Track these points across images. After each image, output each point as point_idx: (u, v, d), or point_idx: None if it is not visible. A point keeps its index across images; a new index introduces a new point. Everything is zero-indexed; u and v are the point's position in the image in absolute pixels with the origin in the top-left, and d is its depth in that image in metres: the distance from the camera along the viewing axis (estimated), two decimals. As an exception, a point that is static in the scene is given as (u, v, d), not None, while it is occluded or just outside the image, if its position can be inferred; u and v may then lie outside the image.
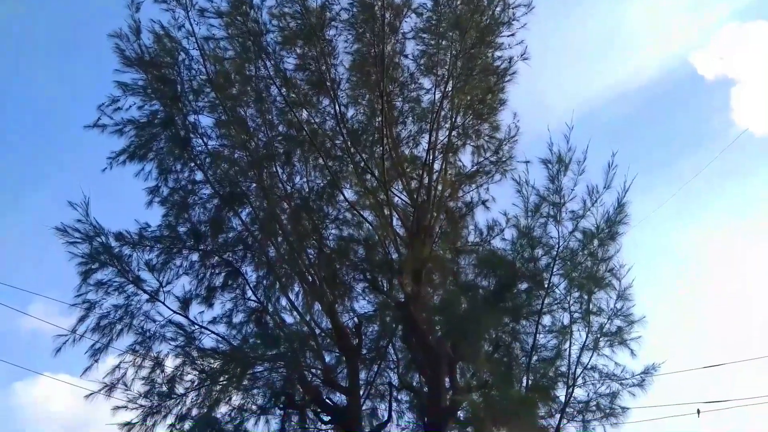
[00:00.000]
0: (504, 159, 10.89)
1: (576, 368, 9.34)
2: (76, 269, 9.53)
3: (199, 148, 10.70)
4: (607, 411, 9.39)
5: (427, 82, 11.19)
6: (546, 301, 9.57)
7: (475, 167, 11.16)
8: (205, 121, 10.85)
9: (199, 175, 10.71)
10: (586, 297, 9.32)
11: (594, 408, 9.54)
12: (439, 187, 10.75)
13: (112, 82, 10.33)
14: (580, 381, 9.51)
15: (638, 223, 9.45)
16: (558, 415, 9.39)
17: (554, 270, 9.40)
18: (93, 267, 9.55)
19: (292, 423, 11.04)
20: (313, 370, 10.76)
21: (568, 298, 9.51)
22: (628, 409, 9.36)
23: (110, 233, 9.63)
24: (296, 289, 11.29)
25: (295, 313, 11.00)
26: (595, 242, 9.21)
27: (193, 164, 10.64)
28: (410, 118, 11.32)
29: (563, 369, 9.62)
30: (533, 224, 9.57)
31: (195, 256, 10.56)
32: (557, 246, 9.37)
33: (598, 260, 9.23)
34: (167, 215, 10.62)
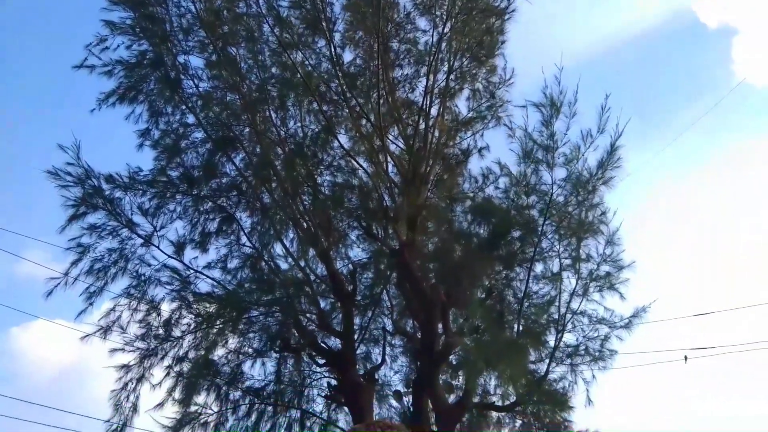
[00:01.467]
0: (499, 104, 10.70)
1: (566, 314, 9.50)
2: (69, 212, 9.48)
3: (190, 90, 10.46)
4: (596, 355, 9.60)
5: (424, 23, 10.87)
6: (537, 249, 9.65)
7: (471, 113, 10.97)
8: (196, 62, 10.57)
9: (190, 118, 10.52)
10: (575, 244, 9.36)
11: (583, 352, 9.76)
12: (436, 134, 10.60)
13: (99, 21, 9.98)
14: (569, 326, 9.70)
15: (633, 172, 9.40)
16: (547, 360, 9.62)
17: (547, 218, 9.40)
18: (85, 210, 9.48)
19: (288, 366, 11.29)
20: (308, 315, 10.92)
21: (558, 245, 9.57)
22: (616, 352, 9.57)
23: (101, 176, 9.52)
24: (291, 235, 11.30)
25: (290, 259, 11.05)
26: (587, 188, 9.17)
27: (184, 107, 10.42)
28: (407, 61, 11.04)
29: (554, 315, 9.80)
30: (526, 170, 9.50)
31: (188, 201, 10.49)
32: (550, 193, 9.34)
33: (588, 206, 9.23)
34: (159, 159, 10.48)
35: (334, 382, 11.11)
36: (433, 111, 10.60)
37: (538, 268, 10.05)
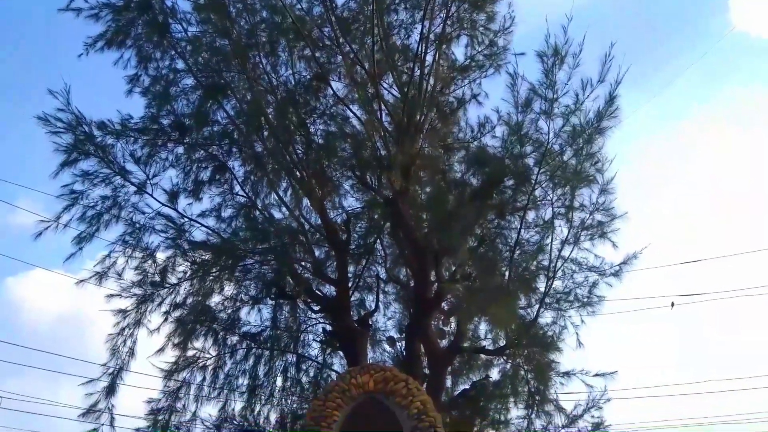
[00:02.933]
0: (498, 52, 10.50)
1: (556, 261, 9.68)
2: (61, 159, 9.41)
3: (179, 34, 10.20)
4: (585, 300, 9.85)
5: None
6: (531, 198, 9.73)
7: (468, 60, 10.79)
8: (184, 5, 10.28)
9: (180, 64, 10.30)
10: (570, 192, 9.44)
11: (572, 298, 10.00)
12: (431, 81, 10.45)
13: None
14: (559, 273, 9.91)
15: (628, 120, 9.39)
16: (537, 306, 9.86)
17: (542, 167, 9.44)
18: (77, 157, 9.40)
19: (284, 312, 11.52)
20: (303, 264, 11.05)
21: (552, 194, 9.66)
22: (604, 298, 9.82)
23: (93, 122, 9.39)
24: (284, 185, 11.28)
25: (284, 208, 11.09)
26: (584, 137, 9.18)
27: (173, 52, 10.18)
28: (403, 5, 10.74)
29: (544, 263, 9.98)
30: (524, 120, 9.47)
31: (180, 149, 10.41)
32: (546, 142, 9.34)
33: (584, 156, 9.26)
34: (149, 106, 10.32)
35: (329, 327, 11.38)
36: (429, 58, 10.41)
37: (531, 216, 10.22)
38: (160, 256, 10.02)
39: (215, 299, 10.44)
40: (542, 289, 9.77)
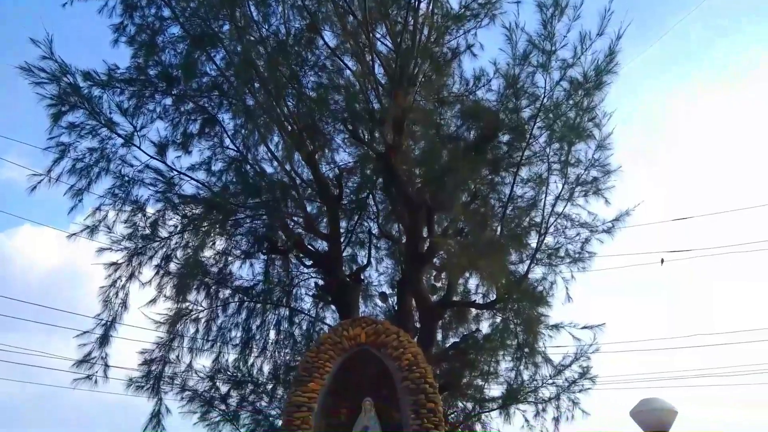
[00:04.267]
0: (493, 0, 10.18)
1: (549, 217, 9.68)
2: (47, 112, 9.20)
3: (164, -21, 9.80)
4: (576, 256, 9.89)
5: None
6: (525, 153, 9.64)
7: (463, 9, 10.47)
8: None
9: (166, 12, 9.94)
10: (566, 148, 9.35)
11: (563, 254, 10.05)
12: (425, 32, 10.17)
13: None
14: (552, 229, 9.93)
15: (624, 70, 9.21)
16: (528, 261, 9.91)
17: (537, 121, 9.32)
18: (63, 109, 9.19)
19: (276, 267, 11.53)
20: (295, 219, 11.00)
21: (548, 149, 9.56)
22: (595, 254, 9.86)
23: (78, 72, 9.14)
24: (276, 139, 11.12)
25: (275, 162, 10.95)
26: (581, 92, 9.02)
27: (159, -1, 9.82)
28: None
29: (537, 219, 9.98)
30: (521, 73, 9.28)
31: (168, 101, 10.18)
32: (543, 96, 9.19)
33: (581, 111, 9.12)
34: (136, 56, 10.03)
35: (321, 282, 11.44)
36: (423, 6, 10.11)
37: (525, 172, 10.16)
38: (150, 209, 9.94)
39: (207, 253, 10.41)
40: (534, 245, 9.81)
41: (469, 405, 11.02)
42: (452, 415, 10.90)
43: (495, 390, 10.73)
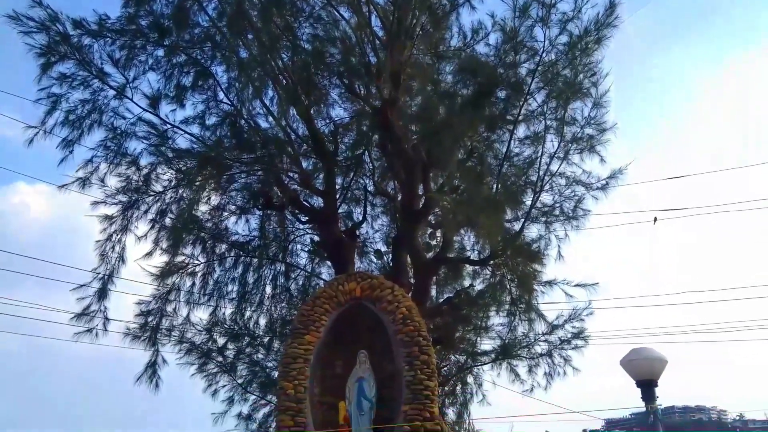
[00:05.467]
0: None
1: (544, 175, 9.68)
2: (36, 62, 8.98)
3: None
4: (570, 214, 9.95)
5: None
6: (523, 111, 9.56)
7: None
8: None
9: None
10: (563, 106, 9.28)
11: (558, 212, 10.10)
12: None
13: None
14: (547, 187, 9.95)
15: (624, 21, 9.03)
16: (523, 218, 9.96)
17: (535, 77, 9.20)
18: (52, 59, 8.97)
19: (272, 223, 11.55)
20: (290, 175, 10.95)
21: (545, 106, 9.48)
22: (589, 211, 9.92)
23: (68, 20, 8.88)
24: (270, 93, 10.94)
25: (270, 118, 10.81)
26: (580, 47, 8.89)
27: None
28: None
29: (532, 177, 9.98)
30: (520, 26, 9.11)
31: (160, 52, 9.94)
32: (542, 51, 9.05)
33: (579, 67, 9.00)
34: (127, 6, 9.73)
35: (316, 238, 11.49)
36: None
37: (521, 130, 10.10)
38: (144, 163, 9.83)
39: (202, 208, 10.39)
40: (529, 203, 9.85)
41: (462, 358, 11.28)
42: (445, 368, 11.17)
43: (487, 345, 10.97)
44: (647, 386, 4.28)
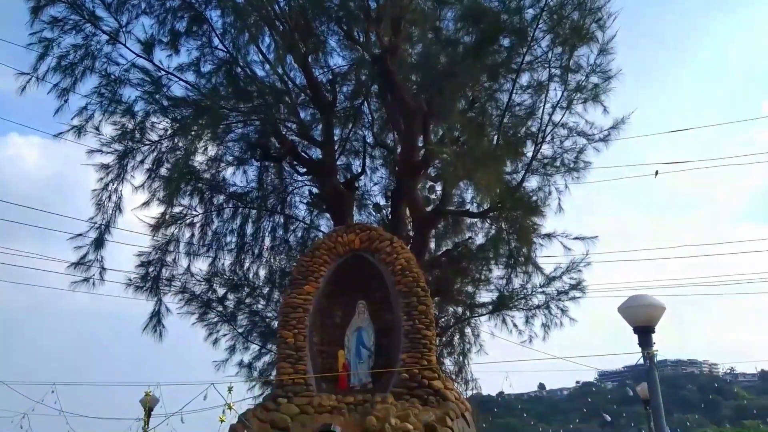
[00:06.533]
0: None
1: (546, 126, 9.50)
2: (26, 5, 8.66)
3: None
4: (571, 165, 9.83)
5: None
6: (526, 58, 9.30)
7: None
8: None
9: None
10: (568, 52, 9.01)
11: (558, 164, 9.97)
12: None
13: None
14: (548, 138, 9.78)
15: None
16: (523, 171, 9.85)
17: (540, 23, 8.89)
18: (43, 2, 8.65)
19: (270, 174, 11.43)
20: (288, 125, 10.76)
21: (550, 53, 9.21)
22: (590, 163, 9.79)
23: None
24: (267, 40, 10.62)
25: (266, 66, 10.53)
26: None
27: None
28: None
29: (534, 128, 9.80)
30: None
31: (153, -5, 9.57)
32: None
33: (586, 11, 8.69)
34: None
35: (315, 190, 11.41)
36: None
37: (524, 79, 9.85)
38: (138, 111, 9.60)
39: (199, 158, 10.25)
40: (529, 155, 9.71)
41: (460, 310, 11.38)
42: (443, 320, 11.29)
43: (486, 297, 11.03)
44: (644, 332, 4.30)
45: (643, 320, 4.42)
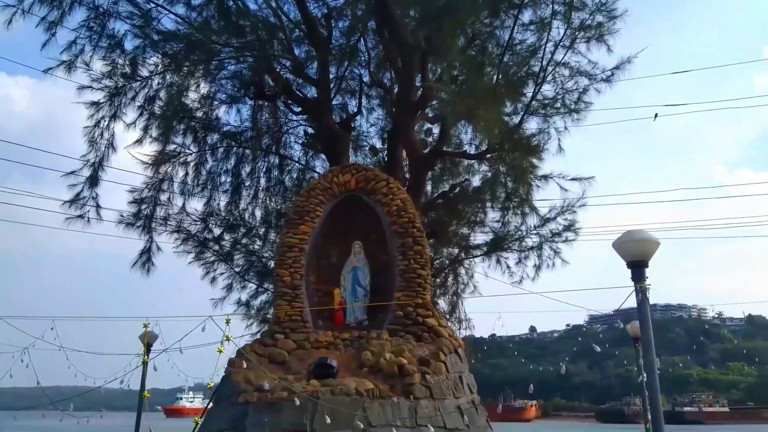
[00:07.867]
0: None
1: (547, 65, 9.26)
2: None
3: None
4: (572, 107, 9.65)
5: None
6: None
7: None
8: None
9: None
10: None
11: (559, 105, 9.79)
12: None
13: None
14: (549, 78, 9.56)
15: None
16: (522, 112, 9.67)
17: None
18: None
19: (264, 113, 11.20)
20: (282, 62, 10.46)
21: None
22: (591, 104, 9.61)
23: None
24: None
25: (259, -1, 10.12)
26: None
27: None
28: None
29: (535, 68, 9.55)
30: None
31: None
32: None
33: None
34: None
35: (310, 130, 11.23)
36: None
37: (527, 15, 9.52)
38: (128, 45, 9.28)
39: (191, 96, 10.00)
40: (530, 95, 9.50)
41: (455, 252, 11.46)
42: (438, 261, 11.38)
43: (480, 239, 11.07)
44: (638, 266, 4.31)
45: (636, 255, 4.43)
